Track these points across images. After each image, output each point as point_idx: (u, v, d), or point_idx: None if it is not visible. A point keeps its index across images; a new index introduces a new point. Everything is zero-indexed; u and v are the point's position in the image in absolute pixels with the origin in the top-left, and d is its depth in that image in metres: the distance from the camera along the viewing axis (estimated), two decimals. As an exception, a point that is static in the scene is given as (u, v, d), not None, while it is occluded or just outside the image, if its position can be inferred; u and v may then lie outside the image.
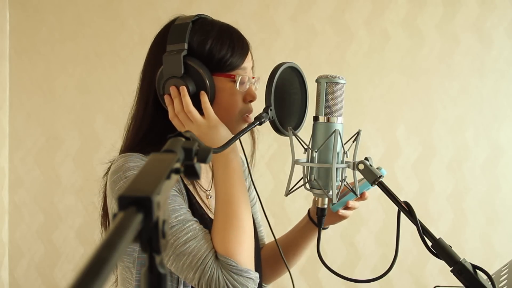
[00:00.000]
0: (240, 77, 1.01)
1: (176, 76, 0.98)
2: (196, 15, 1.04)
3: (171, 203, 0.94)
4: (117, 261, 0.34)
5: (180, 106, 0.98)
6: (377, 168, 1.02)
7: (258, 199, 1.18)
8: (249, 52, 1.06)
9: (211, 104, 0.99)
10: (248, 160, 1.15)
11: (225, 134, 0.98)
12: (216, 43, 1.00)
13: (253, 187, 1.25)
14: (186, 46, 0.98)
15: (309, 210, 1.21)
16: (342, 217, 1.11)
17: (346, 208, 1.09)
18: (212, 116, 0.98)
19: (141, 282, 0.44)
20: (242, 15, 2.19)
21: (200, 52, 0.99)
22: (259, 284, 1.18)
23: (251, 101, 1.05)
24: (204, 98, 0.98)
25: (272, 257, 1.23)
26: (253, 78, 1.07)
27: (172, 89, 0.98)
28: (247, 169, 1.24)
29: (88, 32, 2.23)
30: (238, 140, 1.03)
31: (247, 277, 0.91)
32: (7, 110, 2.25)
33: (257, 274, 0.93)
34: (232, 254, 0.91)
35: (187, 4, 2.20)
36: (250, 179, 1.21)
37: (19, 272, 2.25)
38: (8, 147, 2.25)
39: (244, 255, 0.92)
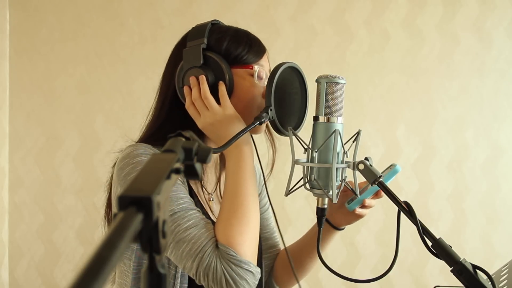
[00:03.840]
0: (258, 69, 1.03)
1: (196, 66, 1.00)
2: (214, 20, 1.08)
3: (175, 190, 0.94)
4: (117, 261, 0.34)
5: (197, 93, 0.99)
6: (391, 165, 1.02)
7: (270, 206, 1.18)
8: (266, 55, 1.08)
9: (230, 96, 1.01)
10: (267, 167, 1.15)
11: (239, 125, 0.98)
12: (234, 41, 1.03)
13: (265, 192, 1.25)
14: (205, 41, 1.01)
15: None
16: (359, 216, 1.08)
17: (363, 206, 1.07)
18: (228, 105, 0.99)
19: (141, 282, 0.44)
20: (242, 15, 2.19)
21: (217, 49, 1.02)
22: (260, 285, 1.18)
23: None
24: (222, 87, 1.00)
25: (288, 263, 1.22)
26: None
27: (192, 79, 1.00)
28: (261, 175, 1.25)
29: (88, 32, 2.23)
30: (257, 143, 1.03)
31: (246, 269, 0.89)
32: (7, 110, 2.25)
33: (258, 269, 0.92)
34: (233, 244, 0.89)
35: (187, 4, 2.20)
36: (264, 185, 1.21)
37: (19, 272, 2.25)
38: (8, 147, 2.25)
39: (245, 247, 0.90)
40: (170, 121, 1.05)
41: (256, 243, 0.94)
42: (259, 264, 1.16)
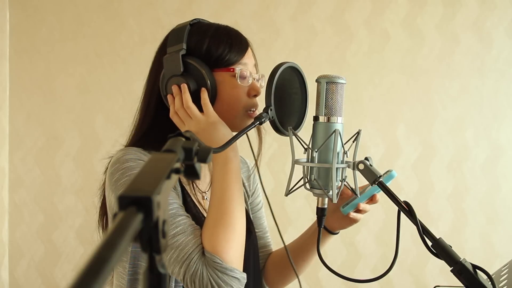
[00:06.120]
0: (239, 70, 1.02)
1: (177, 75, 0.99)
2: (194, 19, 1.06)
3: None
4: (117, 261, 0.34)
5: (180, 102, 0.99)
6: (387, 171, 1.01)
7: (267, 203, 1.18)
8: (249, 49, 1.07)
9: (214, 100, 1.01)
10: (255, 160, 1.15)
11: (223, 131, 0.98)
12: (213, 41, 1.02)
13: (260, 191, 1.25)
14: (184, 46, 1.00)
15: None
16: (353, 221, 1.08)
17: (357, 211, 1.07)
18: (211, 113, 0.99)
19: (141, 281, 0.44)
20: (242, 15, 2.19)
21: (198, 52, 1.01)
22: None
23: (256, 95, 1.06)
24: (204, 95, 0.99)
25: (281, 264, 1.22)
26: (256, 74, 1.08)
27: (174, 88, 1.00)
28: (255, 172, 1.24)
29: (88, 32, 2.23)
30: (243, 140, 1.03)
31: (231, 276, 0.90)
32: (7, 110, 2.25)
33: (244, 275, 0.93)
34: (219, 251, 0.90)
35: (187, 4, 2.20)
36: (259, 181, 1.21)
37: (19, 272, 2.25)
38: (8, 147, 2.25)
39: (231, 254, 0.91)
40: (157, 125, 1.05)
41: (242, 249, 0.95)
42: (257, 263, 1.16)
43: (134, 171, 0.96)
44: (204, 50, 1.01)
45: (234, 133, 1.02)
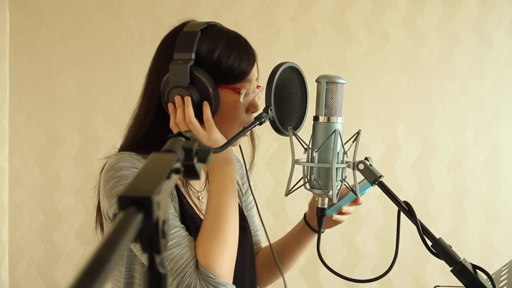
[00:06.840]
0: (245, 91, 1.01)
1: (182, 86, 0.98)
2: (206, 23, 1.03)
3: None
4: (117, 261, 0.34)
5: (182, 116, 0.98)
6: (362, 180, 1.02)
7: (255, 203, 1.19)
8: (255, 63, 1.06)
9: (214, 114, 1.00)
10: (247, 166, 1.15)
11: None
12: (224, 53, 1.00)
13: (250, 191, 1.25)
14: (193, 56, 0.98)
15: (305, 214, 1.21)
16: (337, 222, 1.11)
17: (340, 213, 1.09)
18: (214, 130, 0.98)
19: (141, 282, 0.44)
20: (242, 15, 2.19)
21: (207, 61, 0.99)
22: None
23: (254, 112, 1.06)
24: (207, 110, 0.98)
25: (268, 261, 1.24)
26: (257, 87, 1.07)
27: (177, 99, 0.98)
28: (245, 173, 1.24)
29: (88, 32, 2.23)
30: (237, 147, 1.04)
31: None
32: (7, 110, 2.25)
33: (233, 287, 0.94)
34: (212, 266, 0.91)
35: (187, 4, 2.20)
36: (248, 183, 1.22)
37: (19, 272, 2.25)
38: (8, 147, 2.25)
39: (224, 268, 0.93)
40: (154, 129, 1.04)
41: (233, 262, 0.96)
42: (252, 259, 1.17)
43: (129, 180, 0.95)
44: (213, 61, 0.99)
45: (233, 148, 1.03)
